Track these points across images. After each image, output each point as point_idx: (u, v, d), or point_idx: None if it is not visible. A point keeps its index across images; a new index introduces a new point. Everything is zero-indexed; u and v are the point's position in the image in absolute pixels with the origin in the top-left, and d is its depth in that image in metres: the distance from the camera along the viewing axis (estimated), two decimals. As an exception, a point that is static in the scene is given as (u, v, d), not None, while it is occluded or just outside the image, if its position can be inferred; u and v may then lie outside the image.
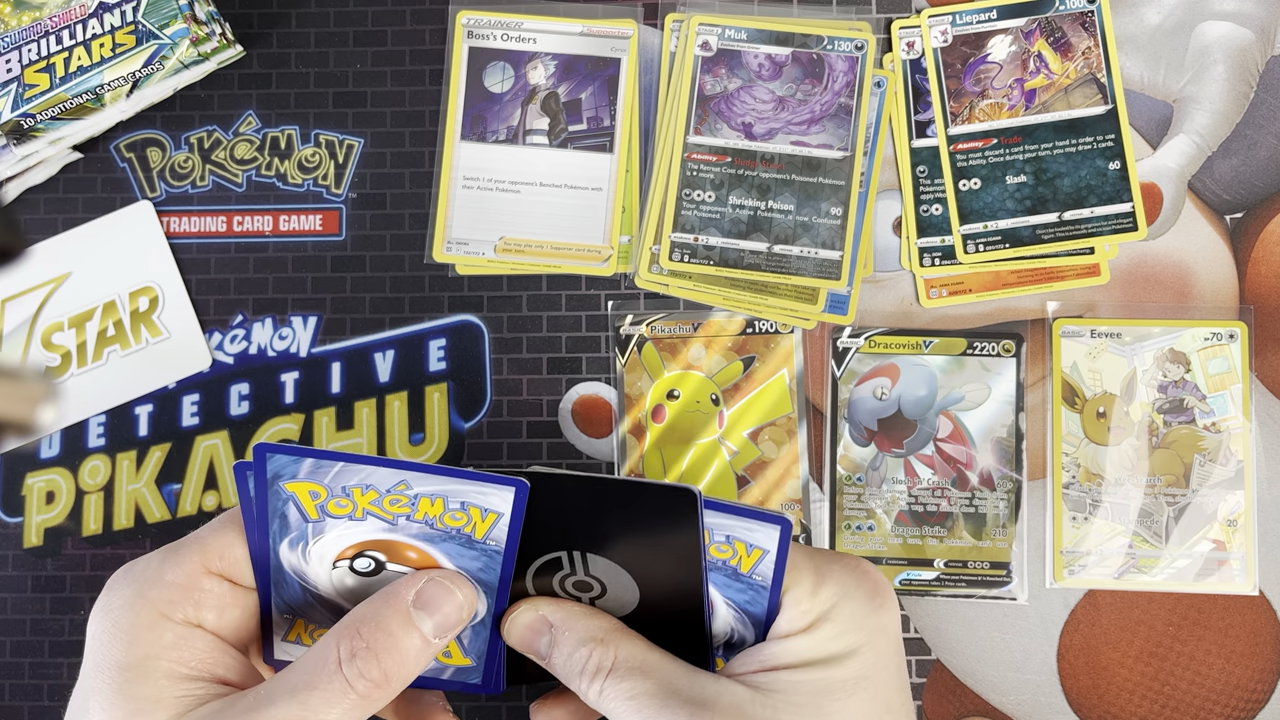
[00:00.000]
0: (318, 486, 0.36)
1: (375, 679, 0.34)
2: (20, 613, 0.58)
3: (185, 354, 0.58)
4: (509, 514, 0.36)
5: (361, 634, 0.34)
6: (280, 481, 0.36)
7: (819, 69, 0.58)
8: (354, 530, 0.37)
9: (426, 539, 0.37)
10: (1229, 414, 0.57)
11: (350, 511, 0.37)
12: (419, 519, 0.36)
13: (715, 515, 0.36)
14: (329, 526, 0.37)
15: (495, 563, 0.37)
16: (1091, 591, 0.57)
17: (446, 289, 0.59)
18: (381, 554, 0.37)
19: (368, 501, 0.36)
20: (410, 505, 0.36)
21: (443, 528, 0.37)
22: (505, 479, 0.35)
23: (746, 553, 0.37)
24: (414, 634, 0.35)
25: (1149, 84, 0.59)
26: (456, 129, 0.59)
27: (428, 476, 0.36)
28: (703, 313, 0.59)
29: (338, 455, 0.36)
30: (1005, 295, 0.58)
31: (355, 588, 0.38)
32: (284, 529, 0.37)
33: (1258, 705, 0.57)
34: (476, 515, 0.36)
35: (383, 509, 0.36)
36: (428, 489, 0.36)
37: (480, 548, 0.37)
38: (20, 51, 0.56)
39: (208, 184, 0.60)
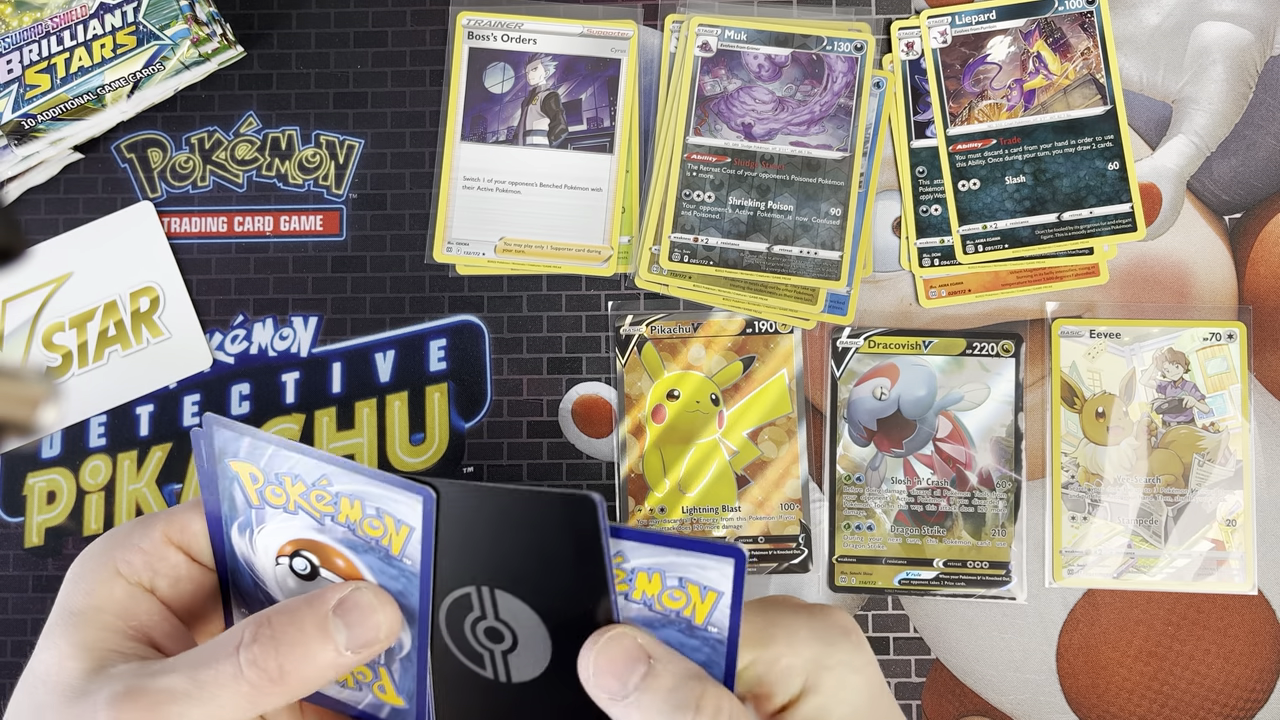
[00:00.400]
0: (255, 470, 0.35)
1: (270, 671, 0.32)
2: (21, 612, 0.59)
3: (186, 354, 0.59)
4: (419, 528, 0.33)
5: (272, 621, 0.33)
6: (226, 458, 0.35)
7: (818, 70, 0.58)
8: (289, 525, 0.35)
9: (351, 547, 0.35)
10: (1228, 414, 0.57)
11: (284, 502, 0.35)
12: (342, 521, 0.34)
13: (663, 552, 0.32)
14: (268, 516, 0.35)
15: (414, 585, 0.34)
16: (1090, 591, 0.57)
17: (447, 289, 0.59)
18: (315, 556, 0.36)
19: (297, 494, 0.35)
20: (333, 504, 0.34)
21: (363, 536, 0.34)
22: (411, 485, 0.32)
23: (700, 597, 0.33)
24: (326, 641, 0.33)
25: (1148, 84, 0.59)
26: (457, 129, 0.59)
27: (345, 474, 0.33)
28: (703, 313, 0.59)
29: (270, 438, 0.34)
30: (1004, 295, 0.59)
31: (295, 589, 0.36)
32: (233, 511, 0.36)
33: (1256, 705, 0.57)
34: (391, 526, 0.34)
35: (310, 504, 0.35)
36: (346, 488, 0.34)
37: (398, 566, 0.34)
38: (21, 52, 0.56)
39: (208, 184, 0.60)
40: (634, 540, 0.32)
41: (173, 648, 0.36)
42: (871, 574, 0.58)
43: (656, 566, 0.33)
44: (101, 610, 0.35)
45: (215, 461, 0.35)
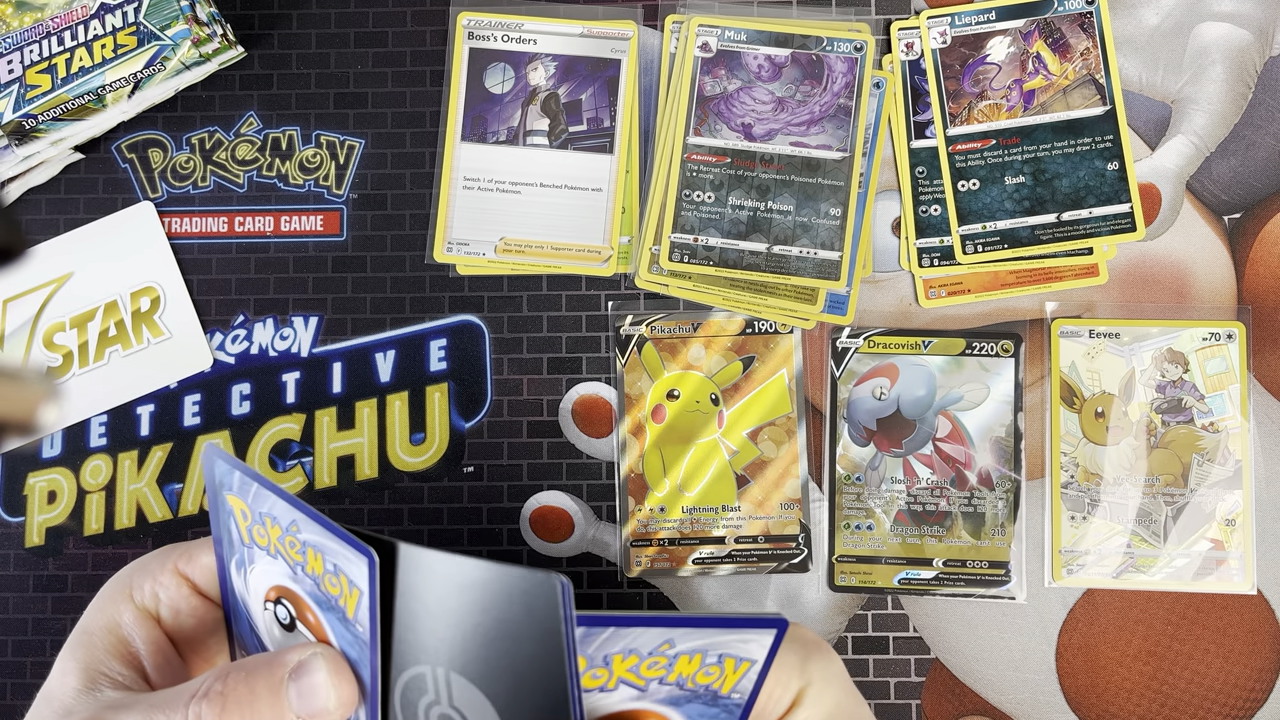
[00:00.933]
0: (245, 506, 0.33)
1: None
2: (22, 612, 0.59)
3: (187, 354, 0.59)
4: (367, 593, 0.30)
5: (228, 680, 0.33)
6: (223, 491, 0.34)
7: (818, 70, 0.58)
8: (271, 569, 0.34)
9: (317, 602, 0.33)
10: (1227, 414, 0.57)
11: (267, 544, 0.33)
12: (309, 573, 0.32)
13: (711, 634, 0.30)
14: (257, 556, 0.34)
15: (365, 655, 0.32)
16: (1090, 591, 0.57)
17: (447, 289, 0.59)
18: (292, 607, 0.34)
19: (275, 537, 0.33)
20: (302, 553, 0.32)
21: (324, 592, 0.32)
22: (357, 544, 0.30)
23: (734, 668, 0.31)
24: (278, 706, 0.32)
25: (1147, 85, 0.59)
26: (457, 130, 0.59)
27: (308, 522, 0.31)
28: (702, 313, 0.59)
29: (254, 475, 0.33)
30: (1004, 295, 0.59)
31: (280, 639, 0.35)
32: (230, 547, 0.35)
33: (1256, 704, 0.57)
34: (345, 586, 0.31)
35: (285, 550, 0.33)
36: (311, 537, 0.32)
37: (353, 631, 0.32)
38: (22, 52, 0.56)
39: (209, 185, 0.60)
40: (684, 627, 0.30)
41: (159, 679, 0.36)
42: (871, 574, 0.58)
43: (700, 648, 0.31)
44: (107, 631, 0.36)
45: (215, 493, 0.35)
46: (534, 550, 0.58)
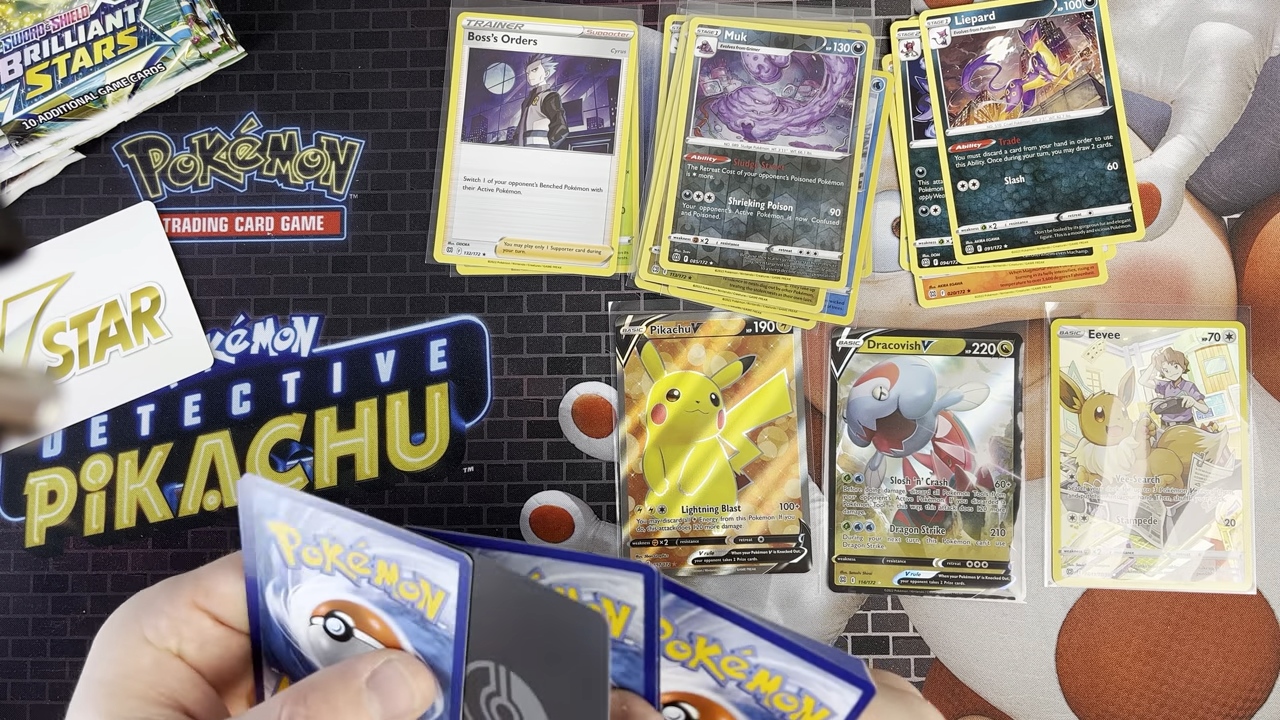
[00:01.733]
0: (294, 530, 0.35)
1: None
2: (22, 612, 0.59)
3: (187, 353, 0.59)
4: (455, 594, 0.33)
5: (308, 701, 0.33)
6: (264, 519, 0.35)
7: (818, 70, 0.58)
8: (325, 585, 0.35)
9: (386, 609, 0.34)
10: (1227, 414, 0.57)
11: (321, 563, 0.35)
12: (378, 584, 0.34)
13: (792, 660, 0.32)
14: (305, 576, 0.35)
15: (447, 651, 0.34)
16: (1090, 591, 0.57)
17: (447, 289, 0.59)
18: (350, 617, 0.35)
19: (335, 555, 0.34)
20: (370, 567, 0.34)
21: (399, 599, 0.34)
22: (449, 551, 0.32)
23: (813, 710, 0.33)
24: (362, 713, 0.33)
25: (1147, 85, 0.59)
26: (457, 130, 0.59)
27: (383, 537, 0.33)
28: (702, 313, 0.59)
29: (309, 500, 0.34)
30: (1003, 296, 0.59)
31: (329, 650, 0.36)
32: (269, 572, 0.36)
33: (1255, 704, 0.57)
34: (427, 590, 0.33)
35: (347, 566, 0.34)
36: (384, 551, 0.33)
37: (433, 630, 0.34)
38: (23, 53, 0.56)
39: (209, 185, 0.60)
40: (769, 641, 0.32)
41: (204, 714, 0.36)
42: (871, 574, 0.58)
43: (782, 671, 0.32)
44: (130, 678, 0.35)
45: (254, 522, 0.35)
46: (534, 550, 0.58)
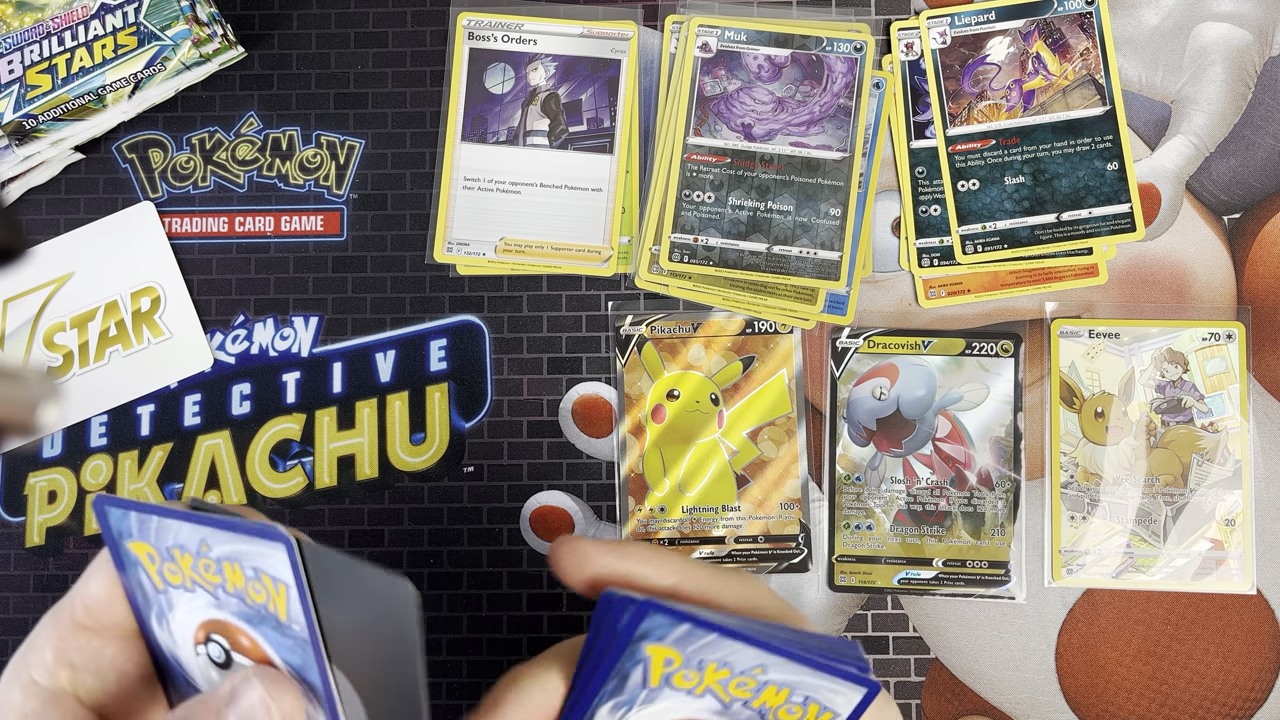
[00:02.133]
0: (151, 548, 0.31)
1: None
2: (22, 612, 0.59)
3: (187, 354, 0.59)
4: (292, 583, 0.29)
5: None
6: (124, 540, 0.31)
7: (818, 70, 0.58)
8: (193, 605, 0.31)
9: (246, 620, 0.31)
10: (1226, 414, 0.57)
11: (182, 580, 0.31)
12: (231, 591, 0.30)
13: (801, 671, 0.30)
14: (175, 599, 0.31)
15: (309, 655, 0.30)
16: (1089, 591, 0.57)
17: (447, 289, 0.59)
18: (224, 639, 0.32)
19: (187, 566, 0.31)
20: (219, 573, 0.30)
21: (252, 604, 0.30)
22: (270, 532, 0.28)
23: (817, 716, 0.31)
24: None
25: (1147, 85, 0.59)
26: (457, 130, 0.59)
27: (215, 532, 0.29)
28: (702, 313, 0.59)
29: (152, 508, 0.30)
30: (1003, 295, 0.59)
31: (218, 681, 0.32)
32: (146, 601, 0.32)
33: (1255, 704, 0.57)
34: (269, 586, 0.29)
35: (201, 576, 0.31)
36: (224, 550, 0.30)
37: (290, 634, 0.30)
38: (23, 53, 0.56)
39: (209, 185, 0.60)
40: (781, 656, 0.29)
41: None
42: (871, 573, 0.58)
43: (790, 684, 0.30)
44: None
45: (116, 547, 0.31)
46: (534, 550, 0.58)
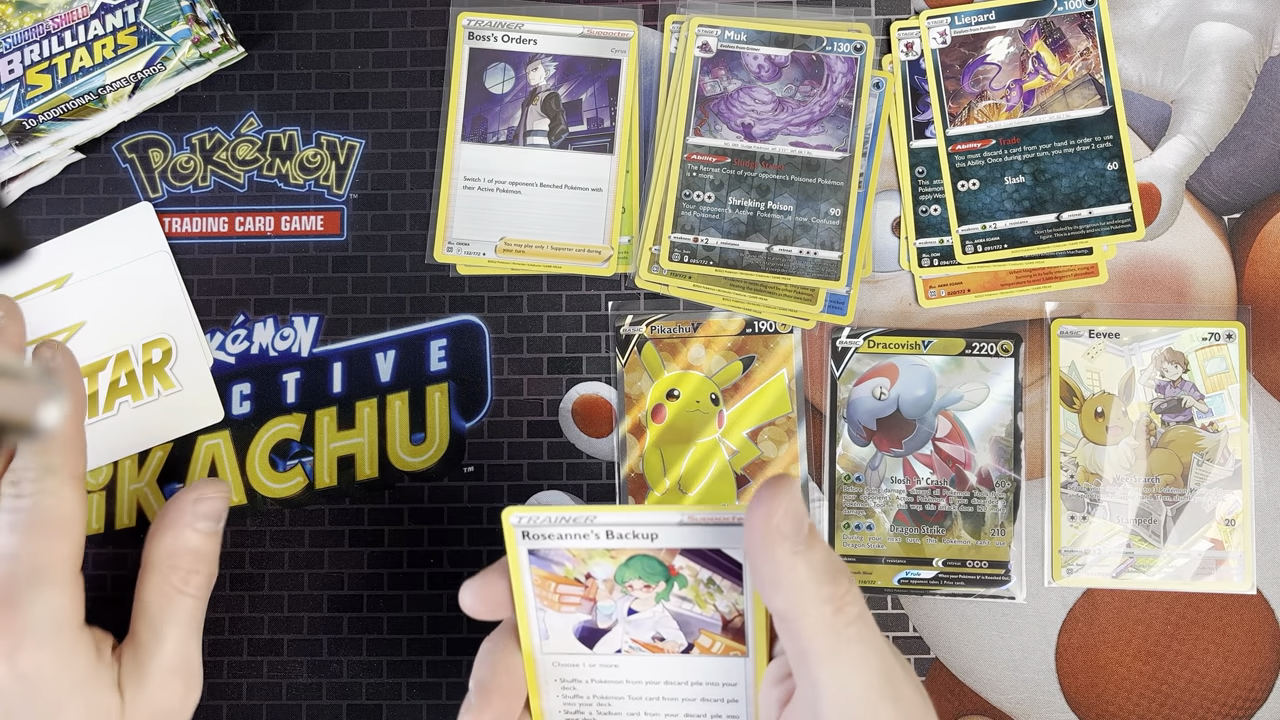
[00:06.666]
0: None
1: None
2: (23, 612, 0.59)
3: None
4: None
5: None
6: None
7: (818, 70, 0.58)
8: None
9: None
10: (1227, 414, 0.57)
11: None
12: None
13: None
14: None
15: None
16: (1090, 590, 0.57)
17: (447, 289, 0.59)
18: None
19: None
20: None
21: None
22: None
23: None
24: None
25: (1147, 85, 0.59)
26: (457, 130, 0.59)
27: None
28: (702, 313, 0.59)
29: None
30: (1004, 295, 0.59)
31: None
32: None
33: (1256, 704, 0.57)
34: None
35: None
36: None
37: None
38: (22, 52, 0.56)
39: (209, 184, 0.60)
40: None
41: None
42: (871, 573, 0.58)
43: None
44: None
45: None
46: (534, 550, 0.58)
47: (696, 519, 0.36)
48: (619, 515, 0.36)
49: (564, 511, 0.37)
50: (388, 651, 0.58)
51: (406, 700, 0.58)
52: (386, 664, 0.58)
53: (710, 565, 0.37)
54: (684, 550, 0.37)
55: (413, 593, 0.58)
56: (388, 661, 0.58)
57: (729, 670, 0.38)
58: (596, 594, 0.38)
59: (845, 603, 0.34)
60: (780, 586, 0.34)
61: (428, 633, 0.58)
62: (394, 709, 0.58)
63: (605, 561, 0.37)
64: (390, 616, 0.58)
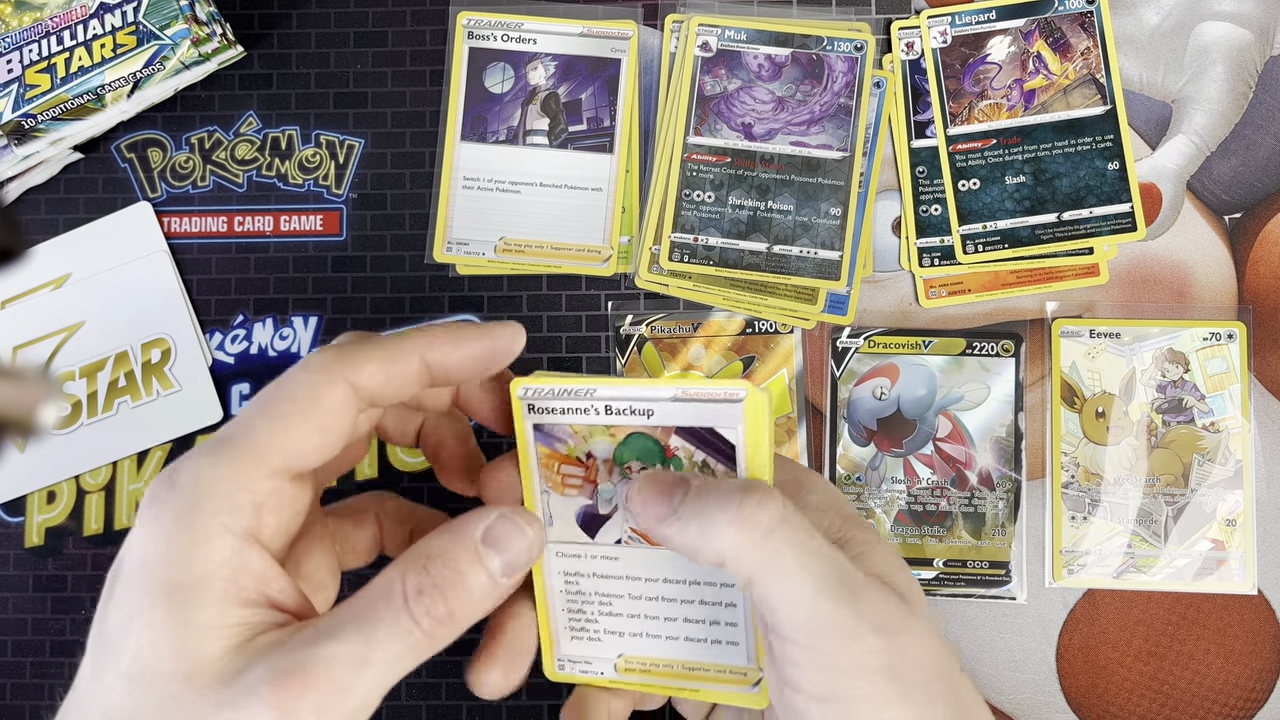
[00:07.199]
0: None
1: (440, 617, 0.32)
2: (21, 612, 0.59)
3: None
4: None
5: (430, 570, 0.33)
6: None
7: (818, 69, 0.58)
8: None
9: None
10: (1228, 414, 0.57)
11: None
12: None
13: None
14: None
15: None
16: (1090, 591, 0.57)
17: (447, 289, 0.59)
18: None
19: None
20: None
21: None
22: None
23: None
24: (483, 572, 0.34)
25: (1148, 84, 0.59)
26: (457, 129, 0.59)
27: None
28: (702, 313, 0.59)
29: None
30: (1004, 295, 0.59)
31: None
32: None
33: (1256, 704, 0.57)
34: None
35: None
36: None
37: None
38: (21, 52, 0.56)
39: (208, 184, 0.60)
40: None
41: (292, 604, 0.33)
42: (871, 574, 0.58)
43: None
44: (211, 578, 0.31)
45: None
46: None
47: (690, 394, 0.36)
48: (616, 388, 0.37)
49: (566, 383, 0.37)
50: (387, 652, 0.58)
51: (406, 701, 0.58)
52: (386, 664, 0.58)
53: (704, 446, 0.37)
54: (679, 429, 0.37)
55: (412, 593, 0.58)
56: (387, 662, 0.58)
57: (725, 572, 0.38)
58: (597, 475, 0.38)
59: (753, 516, 0.33)
60: (696, 550, 0.34)
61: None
62: (393, 710, 0.58)
63: (604, 439, 0.37)
64: (390, 617, 0.58)
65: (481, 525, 0.34)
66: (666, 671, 0.40)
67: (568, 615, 0.40)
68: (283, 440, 0.33)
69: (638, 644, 0.40)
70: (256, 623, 0.32)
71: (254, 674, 0.30)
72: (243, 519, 0.32)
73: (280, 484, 0.33)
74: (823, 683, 0.32)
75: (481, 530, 0.34)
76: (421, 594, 0.32)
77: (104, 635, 0.32)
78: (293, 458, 0.33)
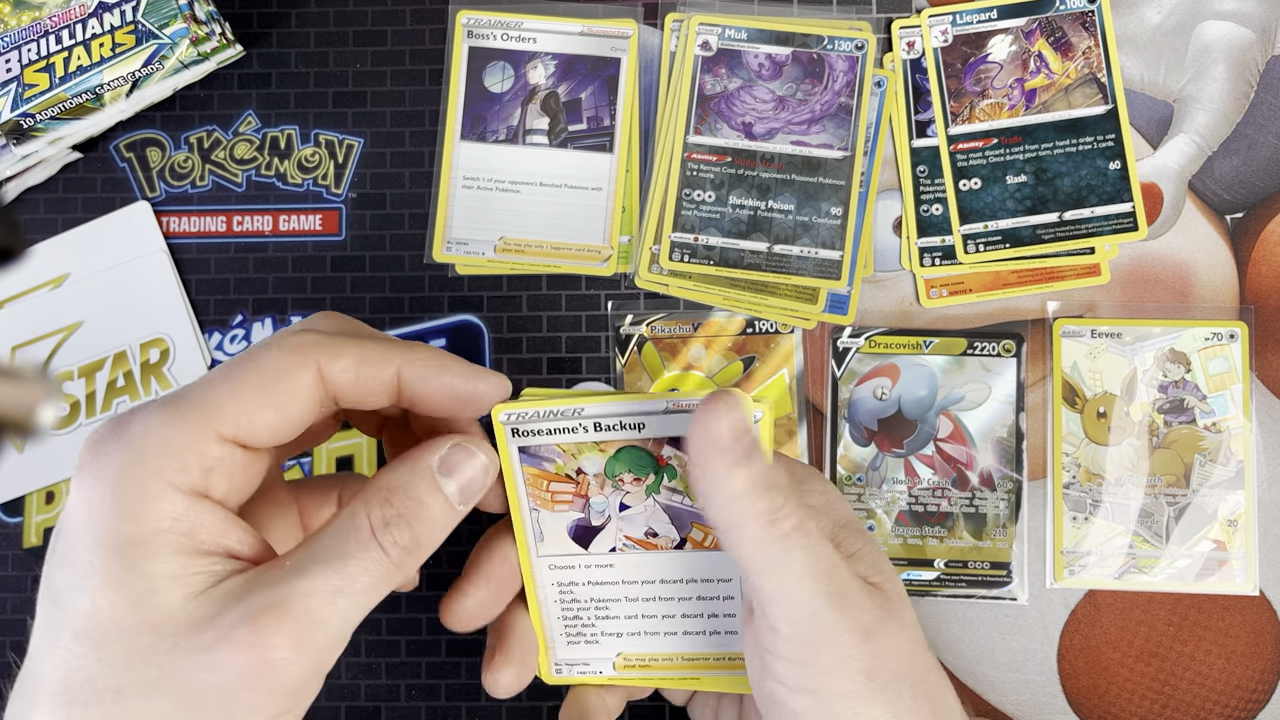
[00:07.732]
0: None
1: (407, 545, 0.34)
2: (20, 613, 0.58)
3: None
4: None
5: (392, 502, 0.34)
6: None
7: (819, 69, 0.58)
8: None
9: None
10: (1229, 414, 0.57)
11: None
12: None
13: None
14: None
15: None
16: (1092, 592, 0.57)
17: (446, 289, 0.59)
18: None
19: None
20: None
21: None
22: None
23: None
24: (441, 497, 0.35)
25: (1149, 84, 0.59)
26: (456, 129, 0.59)
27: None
28: (703, 313, 0.59)
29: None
30: (1005, 295, 0.58)
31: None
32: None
33: (1258, 705, 0.57)
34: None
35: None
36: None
37: None
38: (20, 51, 0.56)
39: (207, 184, 0.60)
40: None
41: (251, 552, 0.33)
42: (872, 574, 0.58)
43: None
44: (164, 532, 0.31)
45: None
46: (534, 551, 0.58)
47: (680, 405, 0.36)
48: (605, 405, 0.36)
49: (551, 405, 0.37)
50: (386, 653, 0.58)
51: (405, 702, 0.58)
52: (385, 665, 0.58)
53: None
54: (671, 439, 0.37)
55: (411, 594, 0.58)
56: (386, 663, 0.58)
57: (721, 565, 0.38)
58: (588, 490, 0.38)
59: (780, 516, 0.34)
60: (716, 499, 0.35)
61: (426, 634, 0.58)
62: (393, 710, 0.58)
63: (595, 455, 0.37)
64: (389, 618, 0.58)
65: (436, 455, 0.35)
66: (666, 665, 0.40)
67: (563, 623, 0.40)
68: (236, 411, 0.33)
69: (636, 642, 0.40)
70: (218, 570, 0.32)
71: (228, 617, 0.30)
72: (190, 478, 0.32)
73: (230, 450, 0.33)
74: (804, 676, 0.35)
75: (437, 460, 0.35)
76: (388, 525, 0.33)
77: (54, 597, 0.32)
78: (244, 429, 0.33)
